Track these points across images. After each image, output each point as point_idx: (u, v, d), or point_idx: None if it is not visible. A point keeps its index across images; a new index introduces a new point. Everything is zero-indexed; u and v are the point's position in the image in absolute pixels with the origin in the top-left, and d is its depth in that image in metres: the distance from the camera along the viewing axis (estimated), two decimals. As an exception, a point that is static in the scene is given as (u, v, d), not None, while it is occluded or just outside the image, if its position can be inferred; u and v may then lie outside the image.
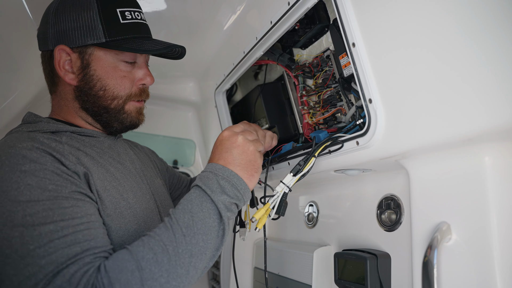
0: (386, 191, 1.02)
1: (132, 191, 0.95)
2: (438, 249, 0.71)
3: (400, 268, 0.94)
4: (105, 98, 0.97)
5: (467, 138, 0.66)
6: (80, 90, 0.97)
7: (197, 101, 2.08)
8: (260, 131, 1.09)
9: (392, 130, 0.78)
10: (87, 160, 0.89)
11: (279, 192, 0.94)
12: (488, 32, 0.59)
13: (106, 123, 1.01)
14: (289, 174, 0.95)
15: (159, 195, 1.09)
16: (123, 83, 0.98)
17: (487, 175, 0.68)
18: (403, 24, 0.72)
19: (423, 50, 0.69)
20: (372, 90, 0.79)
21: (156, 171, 1.23)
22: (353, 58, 0.82)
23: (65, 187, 0.78)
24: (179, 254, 0.75)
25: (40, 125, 0.92)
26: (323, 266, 1.16)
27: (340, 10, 0.84)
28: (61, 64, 0.95)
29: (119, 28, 0.95)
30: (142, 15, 1.02)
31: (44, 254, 0.70)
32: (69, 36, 0.94)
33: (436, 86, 0.67)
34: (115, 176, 0.93)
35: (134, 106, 1.02)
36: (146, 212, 0.95)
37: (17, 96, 1.57)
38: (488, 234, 0.67)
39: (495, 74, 0.58)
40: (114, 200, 0.88)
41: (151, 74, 1.04)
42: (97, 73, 0.96)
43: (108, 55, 0.96)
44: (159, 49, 0.96)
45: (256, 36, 1.19)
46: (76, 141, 0.93)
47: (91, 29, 0.93)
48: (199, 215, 0.80)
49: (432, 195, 0.78)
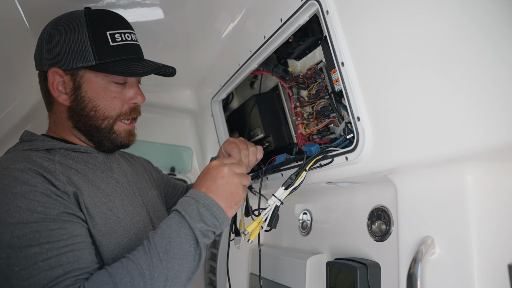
0: (377, 202, 1.05)
1: (123, 206, 0.98)
2: (422, 262, 0.74)
3: (389, 277, 0.98)
4: (96, 118, 1.00)
5: (449, 158, 0.69)
6: (73, 111, 1.00)
7: (194, 109, 2.11)
8: (252, 148, 1.14)
9: (379, 147, 0.81)
10: (78, 179, 0.92)
11: (271, 205, 0.97)
12: (468, 58, 0.62)
13: (98, 142, 1.04)
14: (281, 187, 0.98)
15: (152, 206, 1.13)
16: (113, 104, 1.01)
17: (468, 193, 0.71)
18: (391, 46, 0.75)
19: (410, 73, 0.72)
20: (360, 109, 0.82)
21: (151, 182, 1.27)
22: (342, 76, 0.85)
23: (53, 209, 0.81)
24: (155, 278, 0.79)
25: (35, 143, 0.96)
26: (315, 273, 1.19)
27: (330, 30, 0.87)
28: (55, 85, 0.99)
29: (109, 50, 0.98)
30: (133, 36, 1.05)
31: (27, 276, 0.74)
32: (61, 58, 0.97)
33: (421, 109, 0.70)
34: (105, 192, 0.96)
35: (123, 128, 1.05)
36: (138, 225, 0.99)
37: (18, 105, 1.59)
38: (468, 248, 0.70)
39: (475, 100, 0.61)
40: (104, 216, 0.91)
41: (142, 93, 1.07)
42: (88, 95, 0.99)
43: (98, 77, 0.99)
44: (146, 72, 0.99)
45: (251, 49, 1.22)
46: (69, 158, 0.97)
47: (82, 52, 0.96)
48: (177, 241, 0.83)
49: (418, 210, 0.81)
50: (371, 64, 0.80)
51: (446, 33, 0.64)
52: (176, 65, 1.16)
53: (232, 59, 1.40)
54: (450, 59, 0.64)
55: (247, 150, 1.13)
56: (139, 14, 1.32)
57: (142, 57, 1.07)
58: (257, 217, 0.97)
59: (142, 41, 1.50)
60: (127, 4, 1.25)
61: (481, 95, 0.60)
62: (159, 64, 1.04)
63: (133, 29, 1.07)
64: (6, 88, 1.51)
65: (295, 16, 0.99)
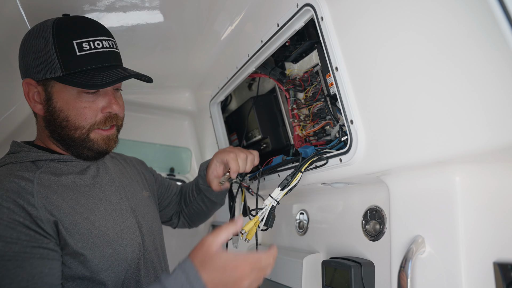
0: (371, 203, 1.07)
1: (105, 217, 0.99)
2: (412, 260, 0.77)
3: (383, 276, 1.00)
4: (68, 129, 0.98)
5: (437, 160, 0.71)
6: (47, 120, 1.00)
7: (193, 110, 2.13)
8: (250, 155, 1.19)
9: (372, 149, 0.84)
10: (57, 197, 0.91)
11: (267, 206, 1.00)
12: (455, 65, 0.65)
13: (75, 150, 1.02)
14: (277, 188, 1.00)
15: (140, 209, 1.14)
16: (84, 114, 0.98)
17: (457, 193, 0.74)
18: (383, 53, 0.77)
19: (401, 79, 0.75)
20: (354, 112, 0.85)
21: (143, 183, 1.28)
22: (336, 81, 0.88)
23: (15, 244, 0.81)
24: None
25: (21, 154, 0.97)
26: (312, 272, 1.22)
27: (324, 35, 0.89)
28: (30, 96, 0.99)
29: (76, 60, 0.95)
30: (105, 42, 1.00)
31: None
32: (32, 69, 0.97)
33: (411, 113, 0.73)
34: (86, 206, 0.96)
35: (100, 135, 1.02)
36: (122, 234, 1.00)
37: (19, 107, 1.61)
38: (456, 247, 0.73)
39: (461, 106, 0.64)
40: (85, 232, 0.92)
41: (116, 102, 1.02)
42: (58, 105, 0.97)
43: (68, 88, 0.96)
44: (110, 83, 0.94)
45: (248, 53, 1.25)
46: (51, 173, 0.96)
47: (49, 63, 0.95)
48: None
49: (410, 210, 0.84)
50: (364, 69, 0.83)
51: (433, 41, 0.67)
52: (176, 68, 1.18)
53: (230, 62, 1.42)
54: (437, 66, 0.67)
55: (245, 154, 1.16)
56: (139, 17, 1.34)
57: (116, 64, 1.02)
58: (254, 217, 1.00)
59: (141, 44, 1.54)
60: (126, 8, 1.27)
61: (466, 101, 0.63)
62: (131, 72, 1.00)
63: (108, 35, 1.02)
64: (7, 90, 1.53)
65: (291, 22, 1.02)
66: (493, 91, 0.59)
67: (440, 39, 0.66)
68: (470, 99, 0.63)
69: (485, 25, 0.57)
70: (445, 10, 0.64)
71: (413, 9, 0.70)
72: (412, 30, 0.70)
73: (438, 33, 0.66)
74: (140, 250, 1.04)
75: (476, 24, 0.59)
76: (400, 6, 0.72)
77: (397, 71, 0.75)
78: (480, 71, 0.60)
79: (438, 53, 0.67)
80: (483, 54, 0.59)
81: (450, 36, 0.64)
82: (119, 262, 0.96)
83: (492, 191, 0.76)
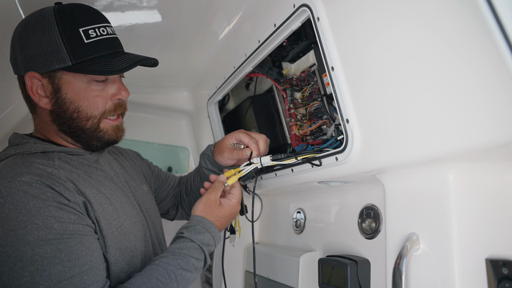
0: (367, 201, 1.08)
1: (122, 208, 0.99)
2: (407, 257, 0.78)
3: (378, 273, 1.01)
4: (80, 120, 0.96)
5: (431, 158, 0.72)
6: (55, 114, 0.97)
7: (190, 110, 2.14)
8: (261, 140, 1.21)
9: (367, 148, 0.85)
10: (81, 185, 0.92)
11: (253, 164, 1.10)
12: (448, 65, 0.66)
13: (85, 142, 1.01)
14: (269, 156, 1.07)
15: (144, 203, 1.13)
16: (96, 103, 0.97)
17: (450, 191, 0.75)
18: (379, 53, 0.78)
19: (396, 79, 0.76)
20: (349, 112, 0.86)
21: (140, 177, 1.25)
22: (332, 80, 0.89)
23: (69, 223, 0.83)
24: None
25: (28, 146, 0.94)
26: (308, 270, 1.23)
27: (320, 36, 0.90)
28: (34, 90, 0.95)
29: (84, 48, 0.92)
30: (109, 29, 0.99)
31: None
32: (36, 61, 0.92)
33: (405, 113, 0.74)
34: (106, 196, 0.96)
35: (110, 125, 1.01)
36: (135, 226, 1.01)
37: (18, 105, 1.62)
38: (450, 244, 0.74)
39: (454, 105, 0.65)
40: (107, 223, 0.93)
41: (125, 88, 1.02)
42: (68, 97, 0.95)
43: (77, 77, 0.94)
44: (126, 67, 0.94)
45: (246, 53, 1.26)
46: (66, 162, 0.96)
47: (56, 53, 0.91)
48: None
49: (404, 208, 0.85)
50: (359, 69, 0.84)
51: (428, 41, 0.68)
52: (174, 67, 1.19)
53: (228, 61, 1.43)
54: (431, 65, 0.68)
55: (262, 139, 1.20)
56: (137, 17, 1.35)
57: (121, 50, 1.01)
58: (239, 172, 1.13)
59: (139, 43, 1.54)
60: (124, 7, 1.27)
61: (460, 100, 0.64)
62: (140, 57, 0.99)
63: (107, 21, 1.00)
64: (6, 89, 1.53)
65: (288, 22, 1.03)
66: (486, 89, 0.60)
67: (432, 41, 0.67)
68: (463, 98, 0.64)
69: (473, 24, 0.58)
70: (441, 8, 0.64)
71: (409, 7, 0.71)
72: (408, 30, 0.71)
73: (430, 35, 0.67)
74: (149, 243, 1.06)
75: (464, 23, 0.60)
76: (396, 5, 0.73)
77: (391, 71, 0.76)
78: (472, 69, 0.61)
79: (431, 53, 0.68)
80: (477, 52, 0.60)
81: (442, 37, 0.65)
82: (133, 254, 0.98)
83: (484, 188, 0.77)
